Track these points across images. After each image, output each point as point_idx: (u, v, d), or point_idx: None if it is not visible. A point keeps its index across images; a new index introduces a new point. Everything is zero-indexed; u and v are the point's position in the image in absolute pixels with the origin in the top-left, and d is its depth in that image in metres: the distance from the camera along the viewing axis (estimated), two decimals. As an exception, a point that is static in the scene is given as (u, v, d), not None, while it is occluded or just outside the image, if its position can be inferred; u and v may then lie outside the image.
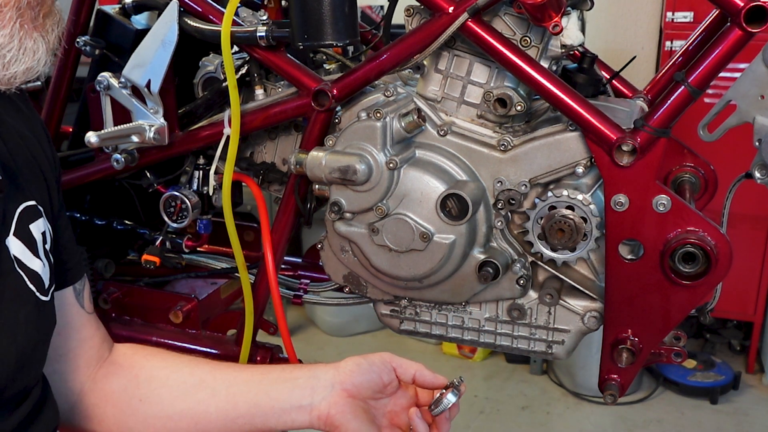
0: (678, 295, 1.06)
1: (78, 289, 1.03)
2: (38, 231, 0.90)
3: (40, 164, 0.95)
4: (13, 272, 0.85)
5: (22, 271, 0.86)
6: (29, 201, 0.90)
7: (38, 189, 0.93)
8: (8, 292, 0.84)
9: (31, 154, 0.94)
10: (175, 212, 1.31)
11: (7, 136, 0.90)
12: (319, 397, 0.98)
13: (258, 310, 1.29)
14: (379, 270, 1.15)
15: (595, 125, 1.04)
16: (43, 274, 0.89)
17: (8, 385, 0.84)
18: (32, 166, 0.93)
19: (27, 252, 0.87)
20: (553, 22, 1.01)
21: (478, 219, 1.11)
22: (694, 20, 2.79)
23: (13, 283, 0.85)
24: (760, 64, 1.05)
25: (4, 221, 0.85)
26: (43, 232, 0.91)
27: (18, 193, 0.88)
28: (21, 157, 0.91)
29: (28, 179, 0.91)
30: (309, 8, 1.09)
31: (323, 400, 0.98)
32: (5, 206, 0.85)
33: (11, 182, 0.87)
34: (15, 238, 0.86)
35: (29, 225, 0.88)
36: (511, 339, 1.20)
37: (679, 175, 1.32)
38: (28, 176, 0.92)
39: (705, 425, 2.78)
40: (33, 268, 0.88)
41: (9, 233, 0.85)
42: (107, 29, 1.36)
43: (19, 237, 0.86)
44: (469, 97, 1.13)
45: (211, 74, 1.31)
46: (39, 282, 0.88)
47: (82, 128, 1.37)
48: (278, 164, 1.30)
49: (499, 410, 2.89)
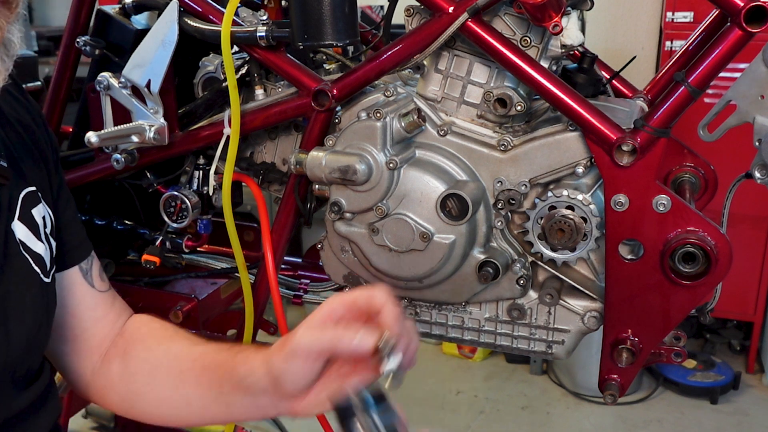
0: (678, 295, 1.06)
1: (85, 268, 1.04)
2: (39, 215, 0.92)
3: (40, 150, 0.97)
4: (20, 255, 0.88)
5: (27, 254, 0.89)
6: (30, 187, 0.93)
7: (38, 175, 0.95)
8: (16, 275, 0.87)
9: (31, 140, 0.96)
10: (175, 212, 1.32)
11: (6, 124, 0.93)
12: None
13: (258, 310, 1.29)
14: (379, 270, 1.15)
15: (595, 125, 1.04)
16: (45, 257, 0.92)
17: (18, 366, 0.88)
18: (32, 152, 0.95)
19: (31, 236, 0.90)
20: (553, 22, 1.01)
21: (478, 219, 1.11)
22: (694, 20, 2.79)
23: (20, 266, 0.88)
24: (760, 64, 1.05)
25: (10, 207, 0.88)
26: (44, 216, 0.93)
27: (20, 179, 0.91)
28: (21, 145, 0.94)
29: (29, 166, 0.94)
30: (309, 8, 1.09)
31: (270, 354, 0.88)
32: (10, 192, 0.89)
33: (14, 169, 0.90)
34: (20, 222, 0.89)
35: (31, 210, 0.91)
36: (511, 339, 1.20)
37: (679, 175, 1.32)
38: (29, 163, 0.94)
39: (705, 425, 2.78)
40: (37, 251, 0.91)
41: (14, 218, 0.89)
42: (107, 29, 1.36)
43: (23, 221, 0.89)
44: (469, 97, 1.13)
45: (211, 74, 1.31)
46: (42, 264, 0.91)
47: (82, 128, 1.37)
48: (278, 164, 1.30)
49: (499, 410, 2.89)
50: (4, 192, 0.88)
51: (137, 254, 1.49)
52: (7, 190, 0.88)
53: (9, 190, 0.89)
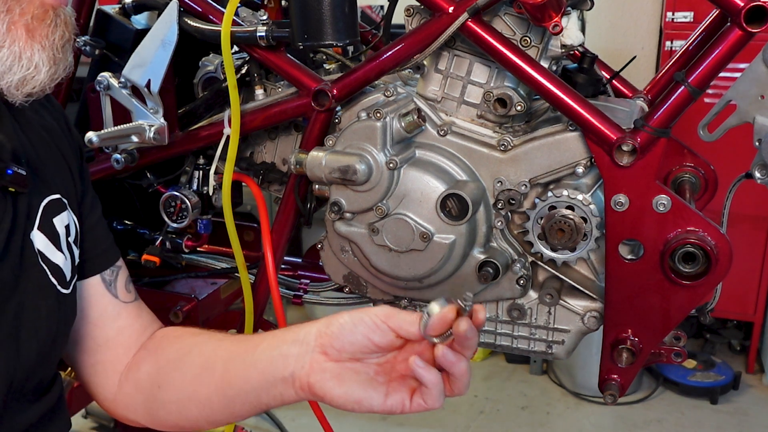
0: (678, 295, 1.06)
1: (108, 279, 1.01)
2: (62, 224, 0.91)
3: (64, 154, 0.95)
4: (37, 266, 0.86)
5: (45, 264, 0.87)
6: (54, 194, 0.91)
7: (63, 181, 0.94)
8: (32, 286, 0.85)
9: (56, 146, 0.94)
10: (175, 212, 1.31)
11: (29, 130, 0.91)
12: (299, 365, 0.85)
13: (258, 310, 1.29)
14: (379, 270, 1.15)
15: (595, 125, 1.04)
16: (64, 268, 0.90)
17: (29, 377, 0.85)
18: (56, 157, 0.94)
19: (50, 246, 0.88)
20: (553, 22, 1.01)
21: (478, 219, 1.11)
22: (694, 20, 2.79)
23: (37, 277, 0.86)
24: (760, 64, 1.05)
25: (29, 216, 0.86)
26: (67, 225, 0.92)
27: (42, 187, 0.89)
28: (45, 150, 0.92)
29: (53, 172, 0.92)
30: (309, 8, 1.09)
31: (302, 369, 0.84)
32: (30, 201, 0.86)
33: (35, 176, 0.88)
34: (39, 232, 0.87)
35: (53, 218, 0.90)
36: (511, 339, 1.20)
37: (679, 175, 1.32)
38: (53, 169, 0.92)
39: (705, 425, 2.78)
40: (55, 262, 0.89)
41: (34, 227, 0.86)
42: (107, 29, 1.36)
43: (43, 231, 0.88)
44: (469, 97, 1.13)
45: (211, 74, 1.31)
46: (60, 275, 0.89)
47: (82, 128, 1.36)
48: (278, 164, 1.30)
49: (499, 410, 2.89)
50: (22, 200, 0.85)
51: (137, 254, 1.49)
52: (26, 198, 0.85)
53: (28, 199, 0.86)
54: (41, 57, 0.80)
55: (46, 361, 0.89)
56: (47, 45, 0.80)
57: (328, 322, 0.85)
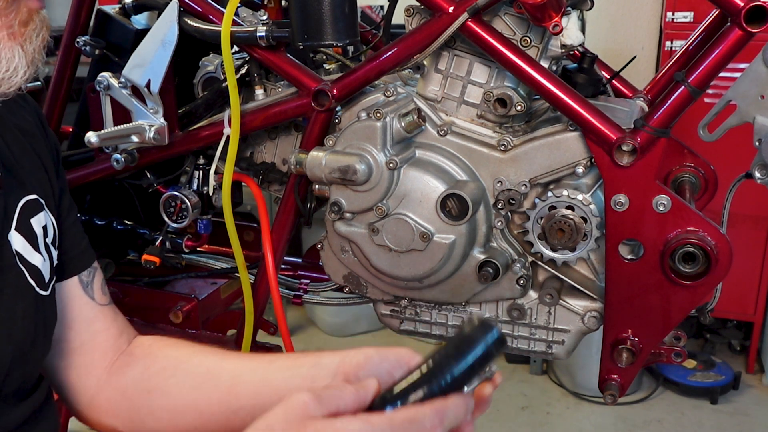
0: (678, 295, 1.06)
1: (85, 281, 1.00)
2: (39, 225, 0.90)
3: (39, 155, 0.95)
4: (15, 267, 0.85)
5: (23, 265, 0.86)
6: (30, 195, 0.90)
7: (39, 181, 0.93)
8: (8, 287, 0.84)
9: (31, 147, 0.94)
10: (175, 212, 1.31)
11: (4, 130, 0.90)
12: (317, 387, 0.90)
13: (258, 310, 1.29)
14: (379, 270, 1.15)
15: (595, 125, 1.04)
16: (43, 269, 0.89)
17: (6, 380, 0.84)
18: (32, 158, 0.93)
19: (28, 246, 0.88)
20: (553, 22, 1.01)
21: (478, 219, 1.11)
22: (694, 20, 2.79)
23: (14, 279, 0.85)
24: (760, 64, 1.05)
25: (6, 216, 0.86)
26: (44, 225, 0.91)
27: (19, 187, 0.89)
28: (20, 151, 0.91)
29: (29, 172, 0.92)
30: (309, 8, 1.09)
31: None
32: (6, 202, 0.86)
33: (12, 177, 0.87)
34: (16, 232, 0.86)
35: (30, 219, 0.89)
36: (511, 339, 1.20)
37: (679, 175, 1.32)
38: (29, 169, 0.92)
39: (705, 425, 2.77)
40: (33, 263, 0.88)
41: (11, 228, 0.86)
42: (107, 29, 1.36)
43: (20, 231, 0.87)
44: (469, 97, 1.13)
45: (211, 74, 1.31)
46: (39, 276, 0.89)
47: (82, 128, 1.37)
48: (278, 164, 1.30)
49: (499, 410, 2.89)
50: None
51: (137, 254, 1.49)
52: (2, 199, 0.85)
53: (4, 199, 0.86)
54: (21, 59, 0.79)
55: (27, 364, 0.88)
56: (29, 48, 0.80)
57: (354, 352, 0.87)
